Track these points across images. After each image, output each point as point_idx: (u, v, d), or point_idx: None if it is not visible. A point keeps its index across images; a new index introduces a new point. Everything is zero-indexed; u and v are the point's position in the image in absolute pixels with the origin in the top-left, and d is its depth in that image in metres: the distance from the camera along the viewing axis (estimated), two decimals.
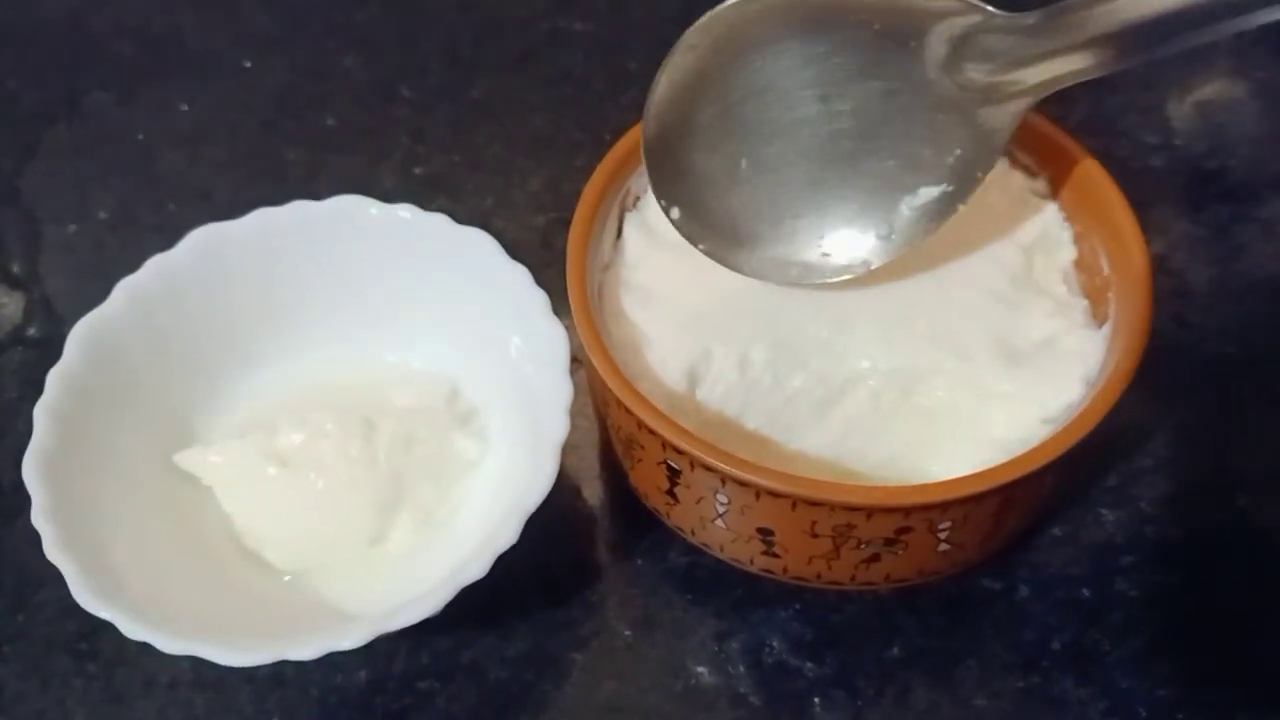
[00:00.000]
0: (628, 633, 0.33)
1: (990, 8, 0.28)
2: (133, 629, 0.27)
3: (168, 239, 0.34)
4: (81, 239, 0.42)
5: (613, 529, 0.35)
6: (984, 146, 0.28)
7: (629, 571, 0.34)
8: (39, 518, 0.29)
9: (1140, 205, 0.31)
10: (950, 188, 0.29)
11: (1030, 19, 0.27)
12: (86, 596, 0.27)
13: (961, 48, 0.27)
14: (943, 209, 0.29)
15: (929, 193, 0.29)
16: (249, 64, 0.46)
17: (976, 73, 0.27)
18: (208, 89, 0.46)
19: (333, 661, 0.32)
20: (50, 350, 0.39)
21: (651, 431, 0.28)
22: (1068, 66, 0.27)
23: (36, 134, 0.45)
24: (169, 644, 0.27)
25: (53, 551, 0.28)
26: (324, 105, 0.45)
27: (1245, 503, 0.34)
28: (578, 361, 0.31)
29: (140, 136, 0.44)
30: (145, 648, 0.32)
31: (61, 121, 0.45)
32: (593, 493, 0.35)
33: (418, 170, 0.43)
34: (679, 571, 0.33)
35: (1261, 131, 0.43)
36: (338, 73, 0.46)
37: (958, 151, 0.28)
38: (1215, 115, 0.43)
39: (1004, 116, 0.28)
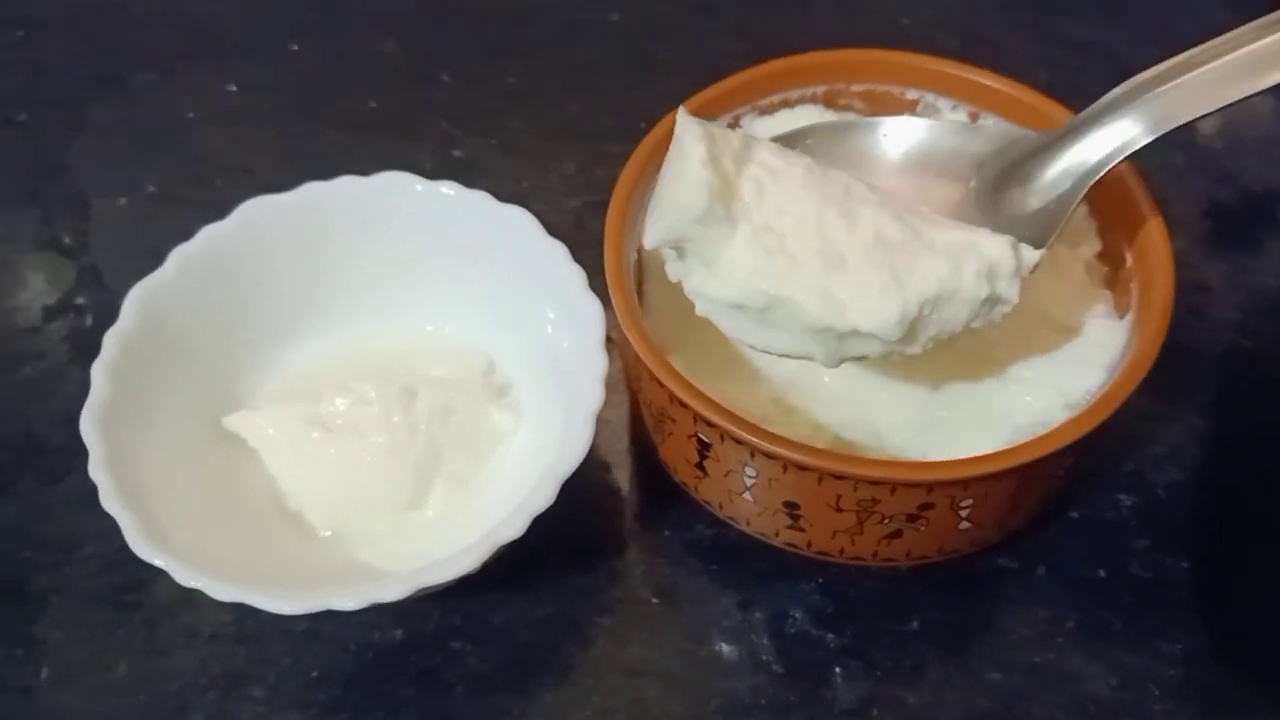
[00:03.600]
0: (654, 600, 0.34)
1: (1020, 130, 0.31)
2: (185, 576, 0.28)
3: (212, 213, 0.35)
4: (129, 212, 0.43)
5: (640, 502, 0.36)
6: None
7: (655, 542, 0.35)
8: (96, 469, 0.30)
9: (1161, 202, 0.32)
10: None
11: (1053, 133, 0.31)
12: (141, 545, 0.29)
13: (1003, 179, 0.31)
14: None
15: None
16: (294, 47, 0.48)
17: (1018, 198, 0.31)
18: (249, 71, 0.47)
19: (368, 620, 0.33)
20: (100, 318, 0.40)
21: (683, 405, 0.29)
22: (1106, 148, 0.30)
23: (83, 111, 0.46)
24: (219, 591, 0.28)
25: (109, 502, 0.29)
26: (363, 88, 0.46)
27: (1252, 489, 0.35)
28: (612, 340, 0.32)
29: (189, 115, 0.45)
30: (186, 602, 0.34)
31: (107, 100, 0.47)
32: (621, 467, 0.37)
33: (455, 153, 0.44)
34: (704, 544, 0.35)
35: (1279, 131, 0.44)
36: (377, 57, 0.47)
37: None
38: (1235, 114, 0.43)
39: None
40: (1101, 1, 0.45)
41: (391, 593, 0.28)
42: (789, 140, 0.31)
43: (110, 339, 0.32)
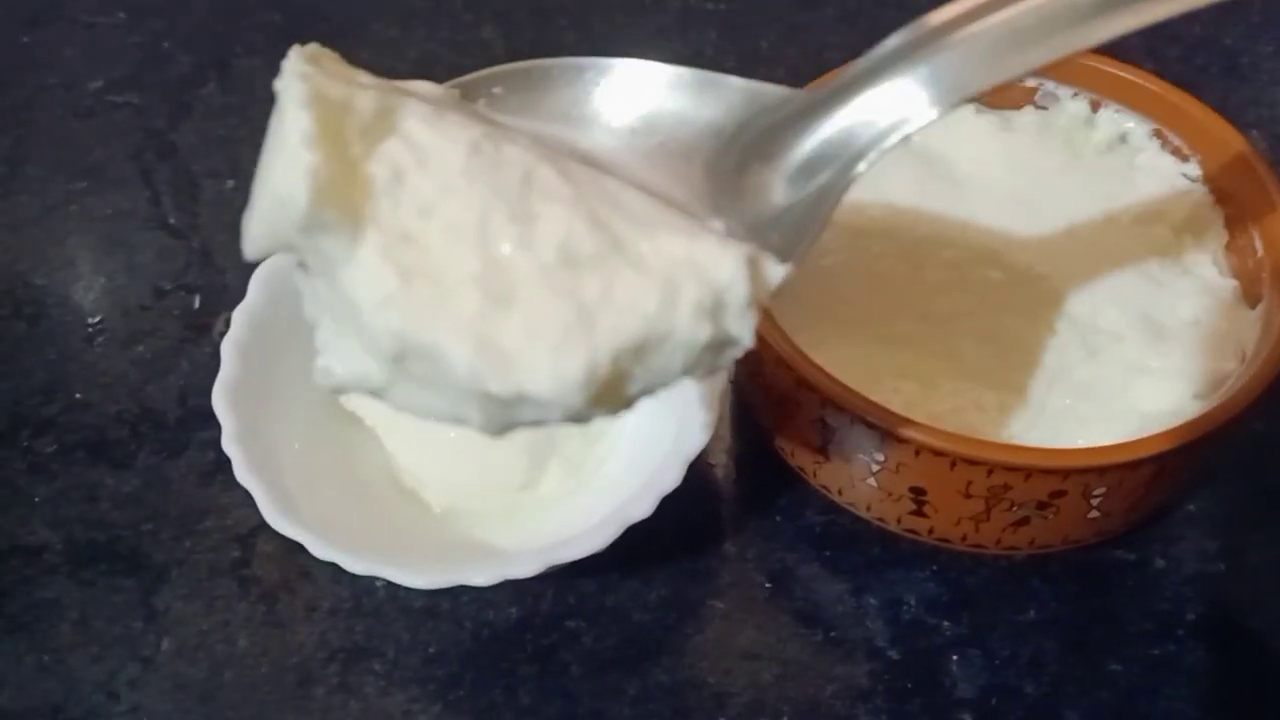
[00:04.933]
0: (767, 585, 0.34)
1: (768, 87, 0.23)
2: (321, 550, 0.29)
3: None
4: (237, 194, 0.44)
5: (749, 487, 0.36)
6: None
7: (766, 527, 0.35)
8: (230, 443, 0.30)
9: None
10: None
11: (811, 97, 0.22)
12: (277, 518, 0.29)
13: (748, 155, 0.23)
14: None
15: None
16: (395, 33, 0.48)
17: (765, 185, 0.23)
18: (353, 57, 0.48)
19: (484, 598, 0.34)
20: (208, 298, 0.41)
21: (811, 388, 0.29)
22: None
23: (190, 94, 0.47)
24: (354, 564, 0.29)
25: (243, 475, 0.30)
26: (464, 75, 0.47)
27: None
28: None
29: None
30: (304, 576, 0.35)
31: (213, 82, 0.48)
32: (727, 450, 0.37)
33: None
34: (816, 529, 0.35)
35: None
36: (477, 44, 0.48)
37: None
38: None
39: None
40: None
41: (523, 569, 0.29)
42: (471, 90, 0.24)
43: (239, 316, 0.33)
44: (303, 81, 0.20)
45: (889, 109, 0.22)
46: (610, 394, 0.20)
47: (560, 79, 0.24)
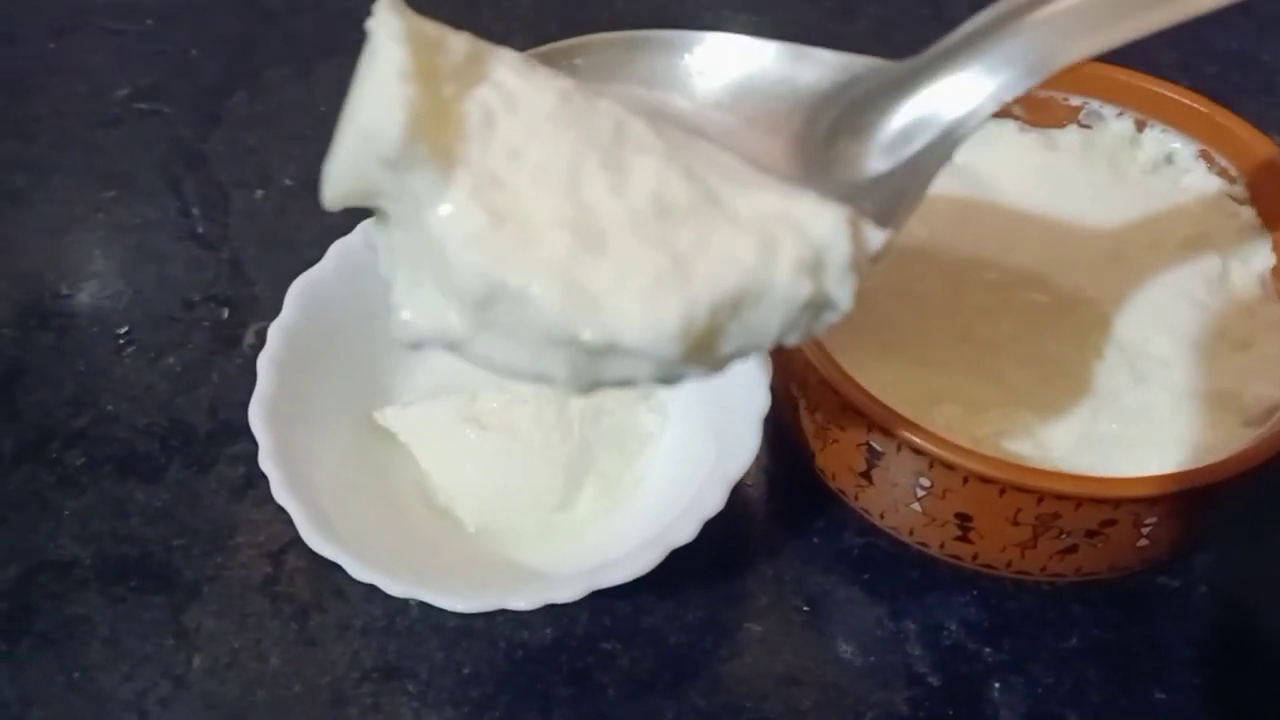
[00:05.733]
0: (804, 608, 0.33)
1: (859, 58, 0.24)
2: (360, 571, 0.28)
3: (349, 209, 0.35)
4: (266, 205, 0.44)
5: (786, 508, 0.36)
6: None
7: (804, 549, 0.34)
8: (266, 461, 0.30)
9: None
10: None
11: (901, 68, 0.23)
12: (315, 538, 0.29)
13: (839, 126, 0.23)
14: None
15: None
16: None
17: (857, 155, 0.23)
18: None
19: (519, 619, 0.33)
20: (238, 309, 0.41)
21: (858, 412, 0.29)
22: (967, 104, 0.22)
23: (218, 103, 0.47)
24: (394, 587, 0.28)
25: (280, 494, 0.30)
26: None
27: None
28: None
29: (323, 109, 0.46)
30: (336, 594, 0.34)
31: (242, 92, 0.47)
32: (765, 471, 0.36)
33: None
34: (854, 552, 0.34)
35: None
36: None
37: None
38: None
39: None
40: (1250, 10, 0.45)
41: (566, 594, 0.28)
42: (551, 59, 0.23)
43: (275, 331, 0.33)
44: (398, 17, 0.19)
45: (983, 80, 0.22)
46: (704, 350, 0.20)
47: (646, 50, 0.24)
